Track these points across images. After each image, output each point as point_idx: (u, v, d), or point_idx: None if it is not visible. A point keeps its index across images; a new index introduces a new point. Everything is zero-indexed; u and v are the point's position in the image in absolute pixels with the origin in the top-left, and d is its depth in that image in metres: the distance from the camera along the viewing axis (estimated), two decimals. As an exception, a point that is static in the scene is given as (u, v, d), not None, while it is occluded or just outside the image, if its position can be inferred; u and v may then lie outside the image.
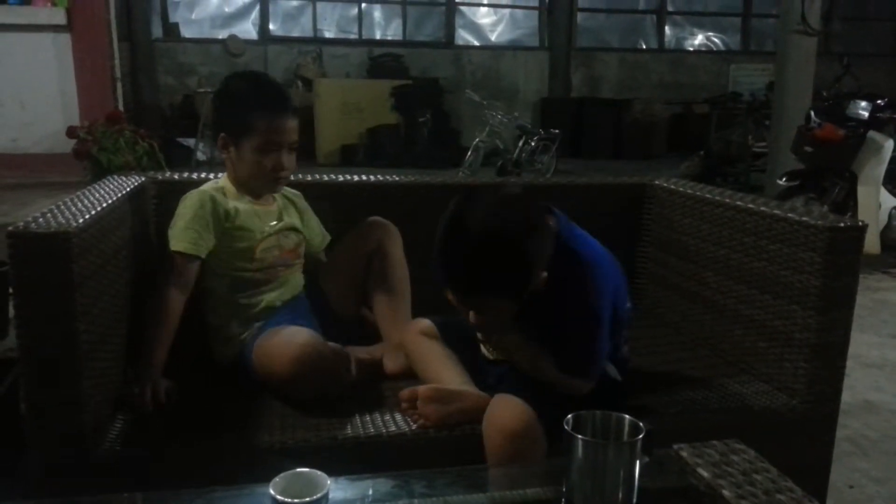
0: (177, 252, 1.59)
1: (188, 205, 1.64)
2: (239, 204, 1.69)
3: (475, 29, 10.76)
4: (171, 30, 9.52)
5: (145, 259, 1.67)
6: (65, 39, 6.35)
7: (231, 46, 9.08)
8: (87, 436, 1.29)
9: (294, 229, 1.77)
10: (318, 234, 1.86)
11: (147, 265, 1.66)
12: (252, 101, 1.67)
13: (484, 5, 10.81)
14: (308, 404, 1.47)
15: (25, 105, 6.37)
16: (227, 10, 9.86)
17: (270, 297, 1.69)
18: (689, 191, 1.97)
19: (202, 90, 7.89)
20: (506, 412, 1.34)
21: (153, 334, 1.53)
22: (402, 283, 1.79)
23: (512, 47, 10.64)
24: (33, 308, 1.23)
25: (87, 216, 1.31)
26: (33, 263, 1.22)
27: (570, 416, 0.99)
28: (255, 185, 1.71)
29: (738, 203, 1.76)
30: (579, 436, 0.96)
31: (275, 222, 1.72)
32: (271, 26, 9.89)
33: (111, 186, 1.64)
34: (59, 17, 6.29)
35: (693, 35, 11.57)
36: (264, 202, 1.74)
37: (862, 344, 3.09)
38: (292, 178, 1.95)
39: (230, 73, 1.81)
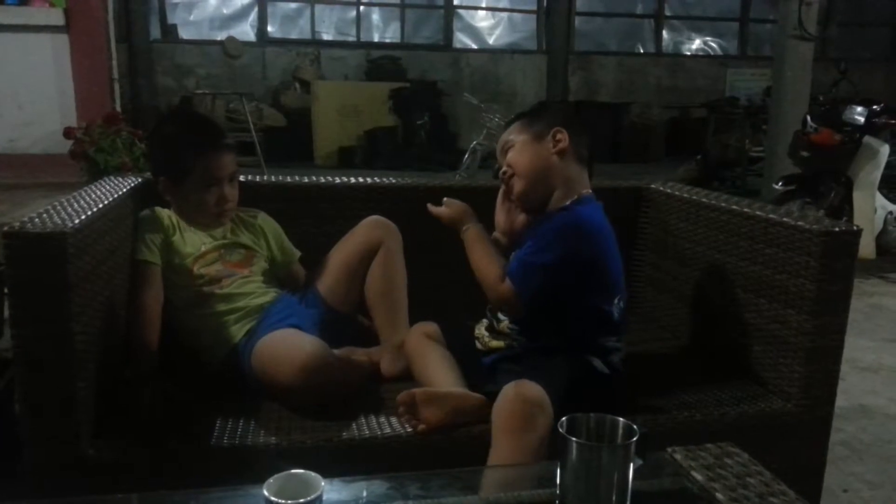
0: (140, 261, 1.63)
1: (144, 217, 1.69)
2: (183, 224, 1.73)
3: (473, 32, 10.76)
4: (170, 31, 9.52)
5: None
6: (62, 40, 6.32)
7: (229, 48, 9.06)
8: (83, 436, 1.29)
9: (242, 245, 1.77)
10: (283, 251, 1.85)
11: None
12: (187, 142, 1.73)
13: (482, 9, 10.81)
14: (304, 406, 1.47)
15: (23, 106, 6.35)
16: (225, 11, 9.85)
17: (238, 304, 1.68)
18: (685, 195, 1.98)
19: (200, 92, 7.88)
20: (522, 387, 1.35)
21: (139, 340, 1.57)
22: (401, 285, 1.79)
23: (510, 50, 10.64)
24: (28, 308, 1.23)
25: (83, 217, 1.31)
26: (29, 264, 1.22)
27: (563, 418, 0.99)
28: (202, 221, 1.74)
29: (735, 207, 1.76)
30: (573, 438, 0.96)
31: (211, 241, 1.73)
32: (269, 28, 9.88)
33: (108, 187, 1.64)
34: (56, 17, 6.27)
35: (690, 39, 11.59)
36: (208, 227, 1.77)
37: (857, 348, 3.10)
38: (289, 179, 1.98)
39: (161, 117, 1.84)
